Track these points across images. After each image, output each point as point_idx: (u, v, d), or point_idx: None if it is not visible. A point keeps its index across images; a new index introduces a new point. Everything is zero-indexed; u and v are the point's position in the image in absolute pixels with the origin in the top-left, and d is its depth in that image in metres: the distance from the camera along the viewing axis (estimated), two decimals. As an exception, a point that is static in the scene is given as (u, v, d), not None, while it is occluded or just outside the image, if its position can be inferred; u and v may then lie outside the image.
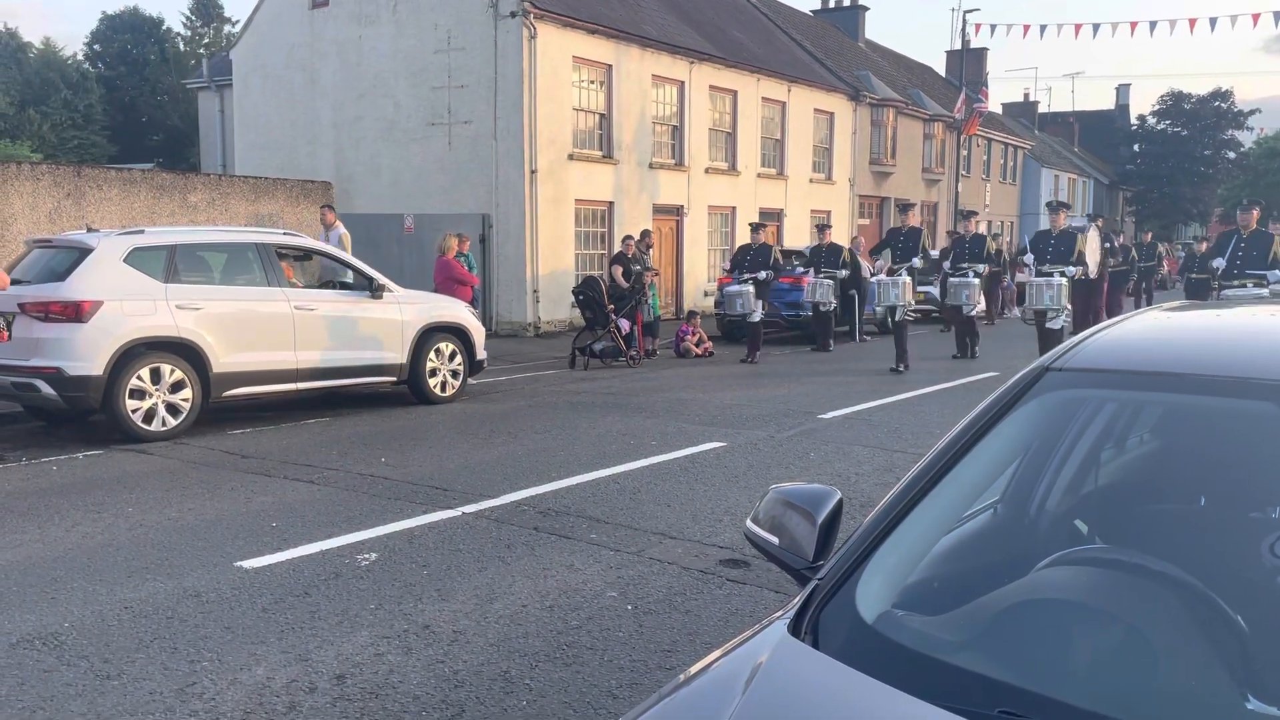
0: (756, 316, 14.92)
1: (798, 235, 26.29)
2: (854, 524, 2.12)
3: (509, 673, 3.91)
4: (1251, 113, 57.16)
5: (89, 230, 9.38)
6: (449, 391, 10.93)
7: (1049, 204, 13.24)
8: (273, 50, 22.12)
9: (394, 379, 10.56)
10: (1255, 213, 12.63)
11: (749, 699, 1.63)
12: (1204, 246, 17.59)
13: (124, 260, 8.67)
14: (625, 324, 14.59)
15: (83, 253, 8.63)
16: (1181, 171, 56.42)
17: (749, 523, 2.27)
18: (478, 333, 11.34)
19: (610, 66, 20.85)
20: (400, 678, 3.86)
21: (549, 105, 19.26)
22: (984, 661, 1.67)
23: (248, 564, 5.23)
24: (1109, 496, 2.41)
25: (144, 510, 6.33)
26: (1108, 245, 18.77)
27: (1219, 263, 12.52)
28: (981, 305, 15.75)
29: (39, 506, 6.41)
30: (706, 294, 22.77)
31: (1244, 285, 12.24)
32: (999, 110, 52.53)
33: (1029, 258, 12.61)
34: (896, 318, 13.49)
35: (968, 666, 1.66)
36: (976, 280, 15.08)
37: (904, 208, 14.81)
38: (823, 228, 17.19)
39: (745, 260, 15.33)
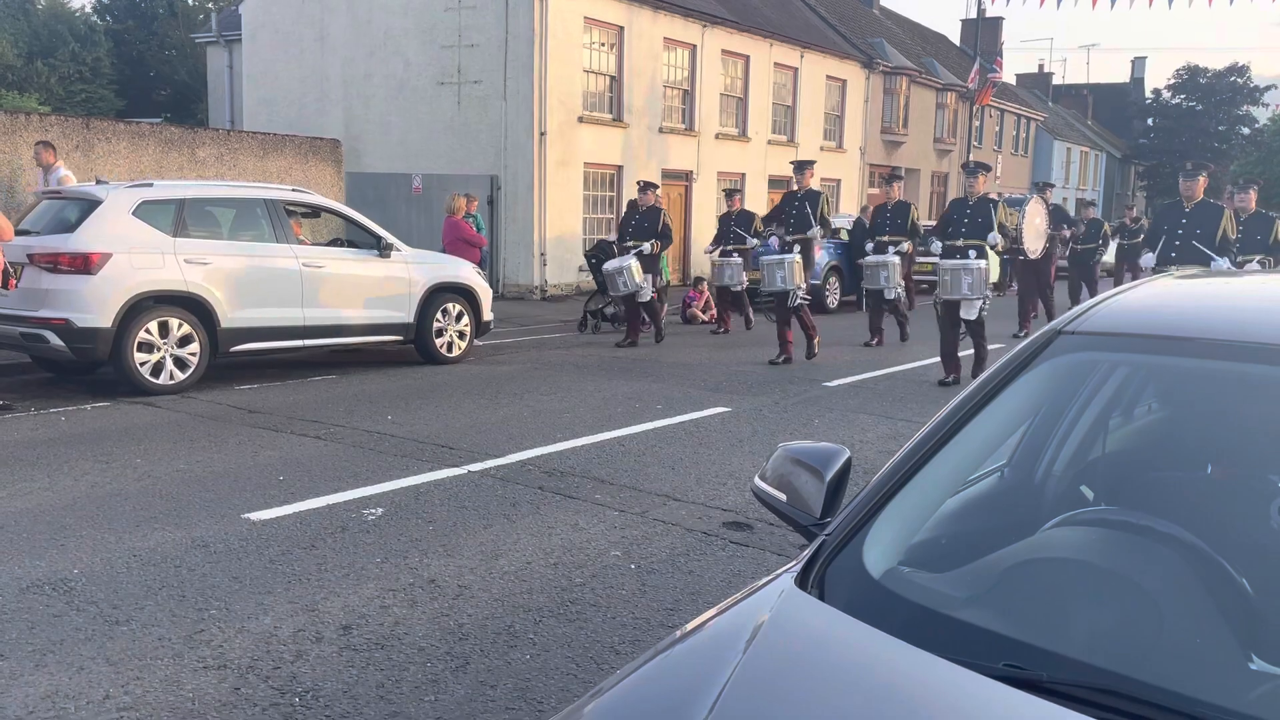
0: (646, 295, 12.67)
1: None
2: (858, 489, 2.13)
3: (513, 627, 3.95)
4: (1268, 89, 56.61)
5: (98, 182, 9.36)
6: (455, 352, 10.94)
7: (965, 165, 10.69)
8: (282, 5, 21.92)
9: (400, 338, 10.57)
10: (1253, 193, 10.83)
11: (756, 646, 1.65)
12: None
13: (133, 213, 8.66)
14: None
15: (92, 204, 8.62)
16: (1195, 147, 55.96)
17: (757, 480, 2.28)
18: (485, 294, 11.33)
19: (622, 28, 20.66)
20: (406, 630, 3.90)
21: (559, 66, 19.11)
22: (989, 617, 1.69)
23: (255, 516, 5.27)
24: (1116, 462, 2.42)
25: (152, 461, 6.37)
26: (1077, 225, 17.15)
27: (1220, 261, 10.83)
28: (902, 289, 13.26)
29: (48, 456, 6.45)
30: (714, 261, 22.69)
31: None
32: (1013, 81, 52.06)
33: (936, 246, 10.26)
34: (791, 303, 11.13)
35: (973, 621, 1.68)
36: (897, 259, 12.85)
37: (800, 166, 11.87)
38: (731, 193, 14.84)
39: (629, 228, 13.11)
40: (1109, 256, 19.23)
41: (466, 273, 11.18)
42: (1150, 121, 59.74)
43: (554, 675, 3.55)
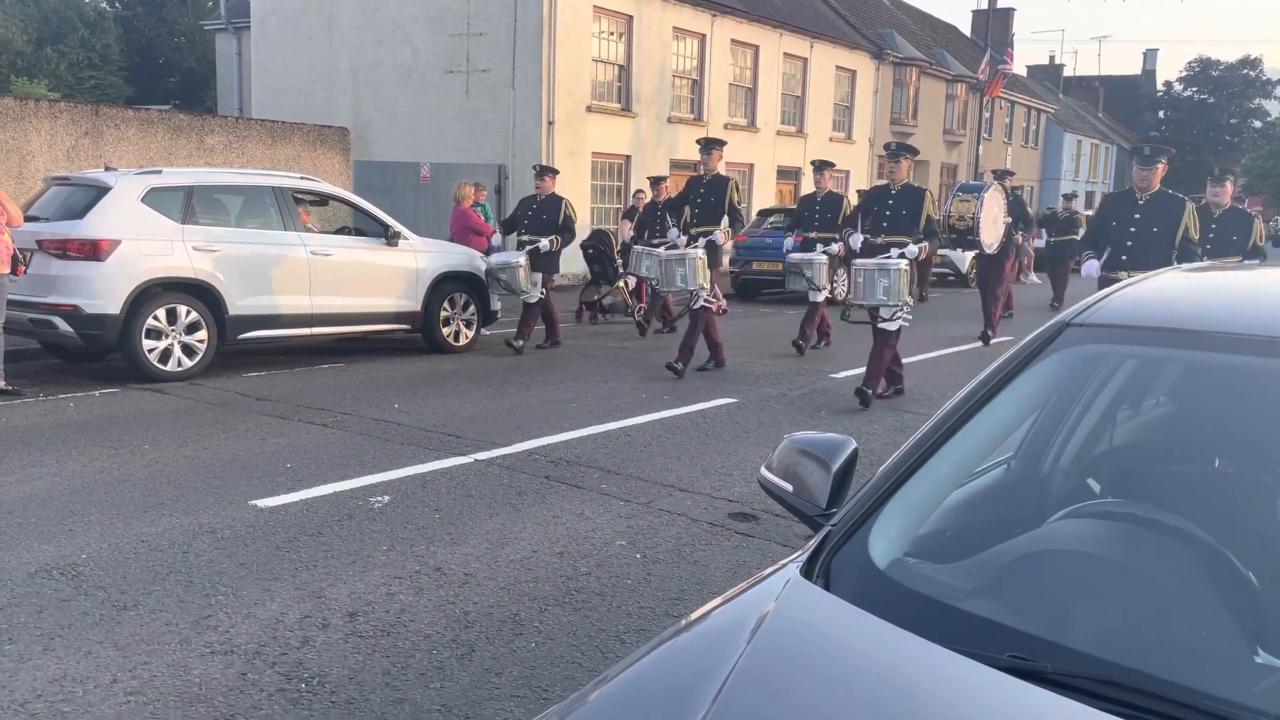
0: (534, 296, 11.01)
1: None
2: (864, 481, 2.13)
3: (519, 615, 3.96)
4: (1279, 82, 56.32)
5: (107, 169, 9.38)
6: (462, 341, 10.96)
7: (886, 146, 9.16)
8: (291, -7, 21.92)
9: (407, 327, 10.59)
10: (1229, 185, 9.08)
11: (761, 635, 1.65)
12: None
13: (141, 200, 8.67)
14: (632, 280, 14.53)
15: (100, 191, 8.63)
16: (1206, 140, 55.76)
17: (763, 470, 2.28)
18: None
19: (631, 17, 20.61)
20: (412, 617, 3.91)
21: (568, 55, 19.07)
22: (995, 608, 1.69)
23: (262, 503, 5.29)
24: (1123, 455, 2.41)
25: (160, 448, 6.39)
26: (1029, 228, 15.37)
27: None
28: (827, 291, 11.30)
29: (56, 441, 6.48)
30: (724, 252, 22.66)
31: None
32: (1023, 72, 51.84)
33: (856, 240, 8.83)
34: (693, 305, 9.66)
35: (979, 613, 1.68)
36: (825, 259, 11.05)
37: (707, 145, 10.07)
38: (657, 181, 13.51)
39: (525, 220, 11.22)
40: None
41: (474, 262, 11.18)
42: (1161, 114, 59.51)
43: (559, 663, 3.56)
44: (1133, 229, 7.67)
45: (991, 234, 10.86)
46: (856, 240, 8.75)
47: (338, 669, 3.47)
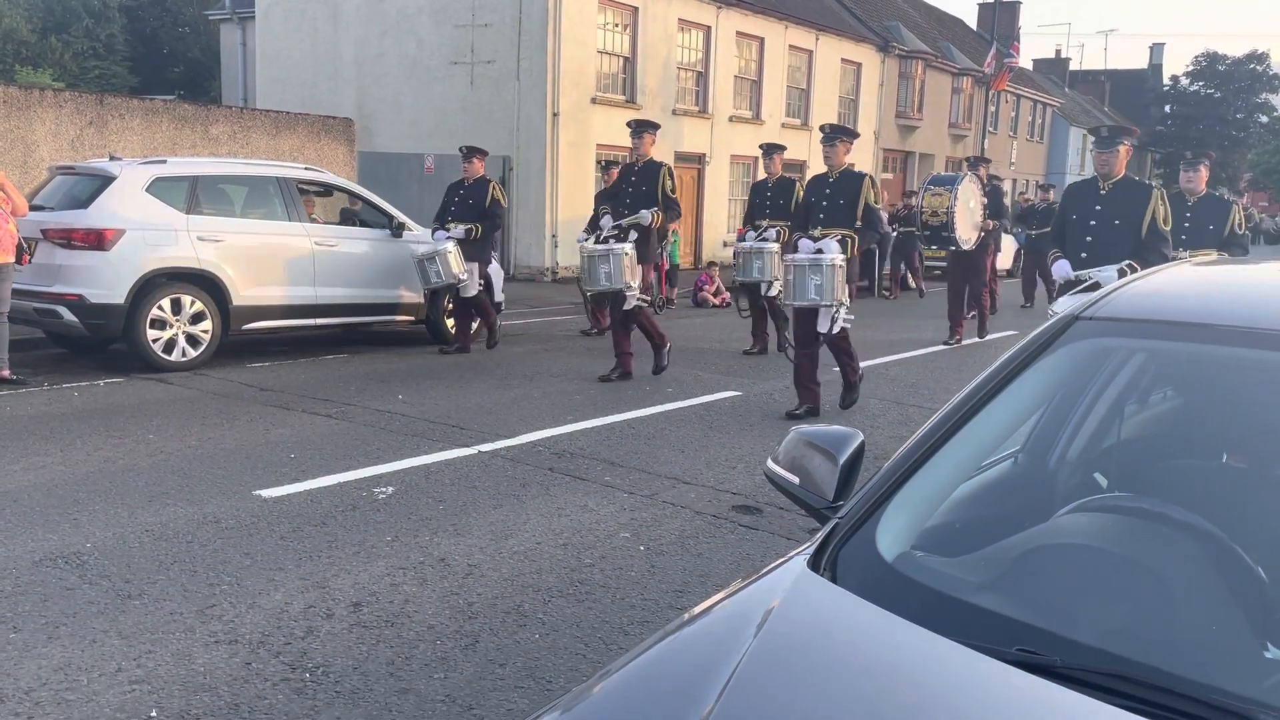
0: (471, 289, 10.15)
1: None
2: (869, 474, 2.12)
3: (522, 607, 3.96)
4: (1287, 76, 56.15)
5: (112, 159, 9.38)
6: (466, 332, 10.94)
7: (822, 129, 8.12)
8: (296, -17, 21.88)
9: (411, 318, 10.58)
10: (1203, 170, 8.23)
11: (769, 627, 1.65)
12: None
13: (146, 190, 8.67)
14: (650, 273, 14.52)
15: (105, 181, 8.63)
16: (1212, 135, 55.59)
17: (769, 462, 2.27)
18: (496, 275, 11.31)
19: (636, 9, 20.55)
20: (416, 607, 3.91)
21: (573, 47, 19.03)
22: (1003, 602, 1.68)
23: (266, 493, 5.29)
24: (1131, 449, 2.40)
25: (164, 437, 6.40)
26: (1004, 221, 13.43)
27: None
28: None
29: (60, 430, 6.49)
30: (726, 244, 22.66)
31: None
32: (1029, 66, 51.67)
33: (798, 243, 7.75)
34: (626, 306, 8.74)
35: (987, 606, 1.67)
36: (775, 246, 10.13)
37: (637, 128, 9.03)
38: (609, 165, 12.32)
39: (451, 208, 10.38)
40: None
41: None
42: (1168, 109, 59.33)
43: (563, 654, 3.56)
44: (1093, 222, 6.77)
45: (968, 229, 10.21)
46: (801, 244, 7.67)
47: (342, 659, 3.47)
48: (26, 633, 3.60)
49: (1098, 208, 6.80)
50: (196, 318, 8.81)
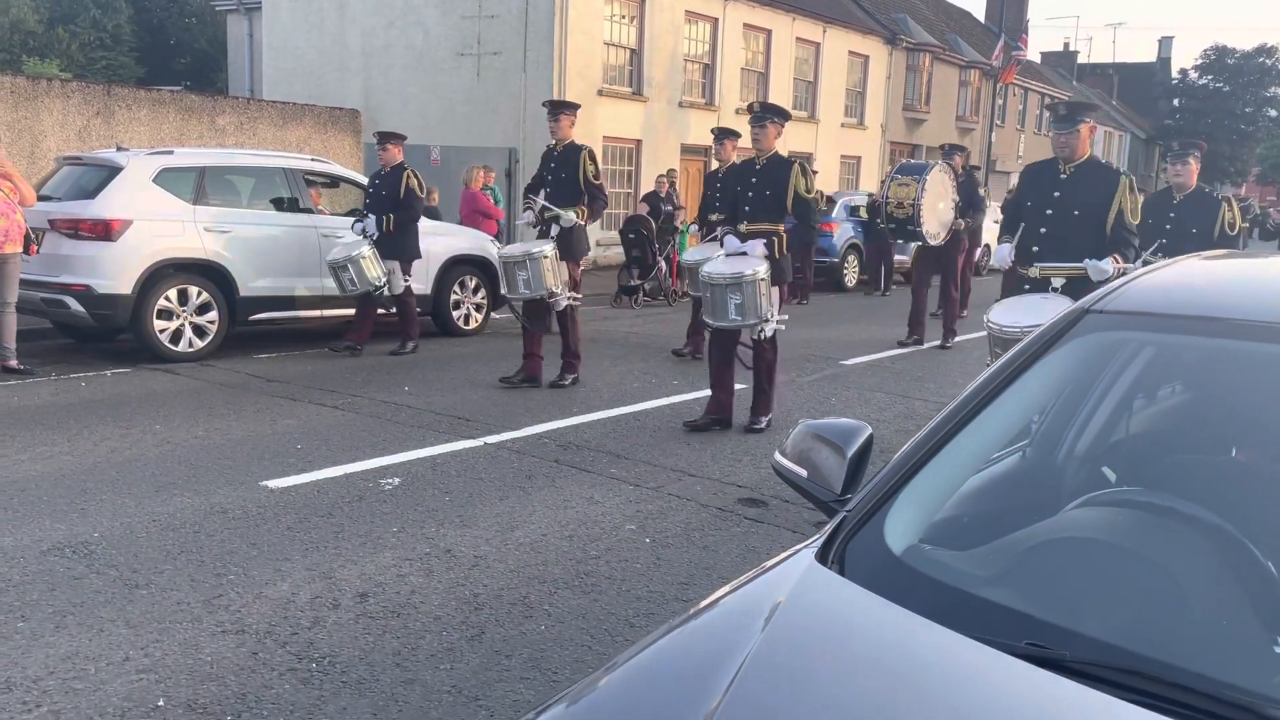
0: (398, 287, 9.40)
1: (827, 181, 25.99)
2: (875, 467, 2.12)
3: (528, 598, 3.97)
4: (1296, 70, 55.88)
5: (119, 149, 9.39)
6: (472, 324, 10.96)
7: (750, 108, 7.15)
8: (302, -26, 21.86)
9: (418, 310, 10.57)
10: (1192, 163, 7.40)
11: (777, 619, 1.65)
12: None
13: (153, 180, 8.68)
14: (663, 264, 14.62)
15: (112, 171, 8.64)
16: (1221, 128, 55.35)
17: (777, 455, 2.27)
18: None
19: (643, 1, 20.50)
20: (422, 598, 3.92)
21: (579, 39, 18.99)
22: (1012, 596, 1.68)
23: (273, 484, 5.30)
24: (1140, 443, 2.40)
25: (171, 428, 6.41)
26: (978, 213, 12.21)
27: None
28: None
29: (68, 421, 6.50)
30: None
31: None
32: (1037, 59, 51.47)
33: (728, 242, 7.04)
34: (559, 308, 8.02)
35: (995, 600, 1.67)
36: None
37: (554, 110, 8.09)
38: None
39: (366, 200, 9.60)
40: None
41: (484, 245, 11.17)
42: (1176, 102, 59.07)
43: (568, 646, 3.57)
44: (1049, 211, 5.74)
45: (935, 223, 9.35)
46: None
47: (348, 649, 3.48)
48: (34, 621, 3.61)
49: (1056, 194, 5.74)
50: (203, 308, 8.83)
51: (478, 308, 11.04)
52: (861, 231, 17.90)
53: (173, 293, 8.63)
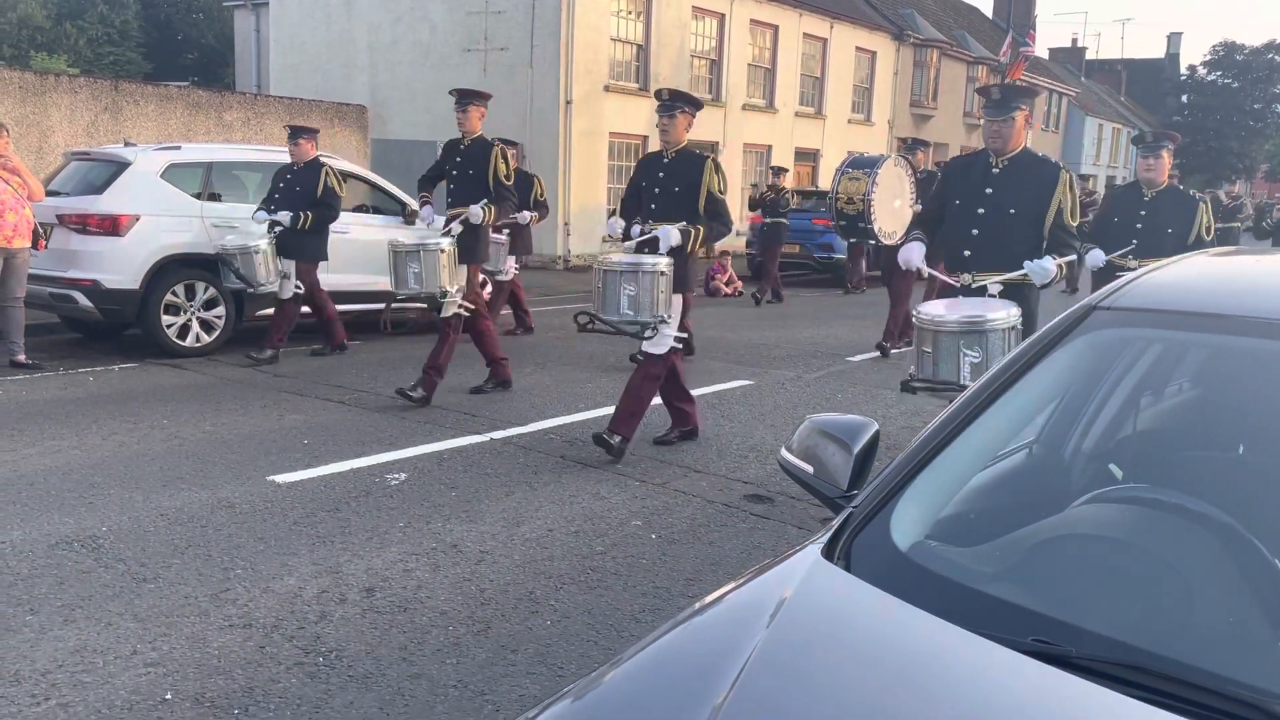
0: (287, 290, 8.80)
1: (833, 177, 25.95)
2: (882, 464, 2.12)
3: (534, 593, 3.97)
4: (1306, 66, 55.62)
5: (127, 144, 9.40)
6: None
7: (658, 94, 6.38)
8: (309, -31, 21.87)
9: (424, 305, 10.57)
10: (1165, 156, 6.60)
11: (783, 615, 1.65)
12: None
13: (161, 176, 8.70)
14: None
15: (120, 166, 8.66)
16: (1229, 125, 55.14)
17: (783, 451, 2.27)
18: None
19: (650, -3, 20.49)
20: (428, 593, 3.93)
21: (586, 34, 18.98)
22: (1018, 592, 1.68)
23: (280, 478, 5.31)
24: (1146, 440, 2.39)
25: (179, 422, 6.43)
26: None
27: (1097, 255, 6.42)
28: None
29: (76, 415, 6.52)
30: (739, 234, 22.61)
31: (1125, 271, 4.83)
32: (1045, 55, 51.31)
33: (617, 226, 6.53)
34: (444, 314, 7.32)
35: (1001, 596, 1.67)
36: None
37: (462, 99, 7.43)
38: (510, 144, 9.59)
39: (275, 195, 8.83)
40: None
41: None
42: (1185, 99, 58.86)
43: (574, 641, 3.57)
44: (981, 210, 5.04)
45: (890, 219, 8.56)
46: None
47: (355, 644, 3.49)
48: (43, 615, 3.63)
49: (988, 191, 5.03)
50: (210, 303, 8.85)
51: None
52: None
53: (180, 288, 8.65)
